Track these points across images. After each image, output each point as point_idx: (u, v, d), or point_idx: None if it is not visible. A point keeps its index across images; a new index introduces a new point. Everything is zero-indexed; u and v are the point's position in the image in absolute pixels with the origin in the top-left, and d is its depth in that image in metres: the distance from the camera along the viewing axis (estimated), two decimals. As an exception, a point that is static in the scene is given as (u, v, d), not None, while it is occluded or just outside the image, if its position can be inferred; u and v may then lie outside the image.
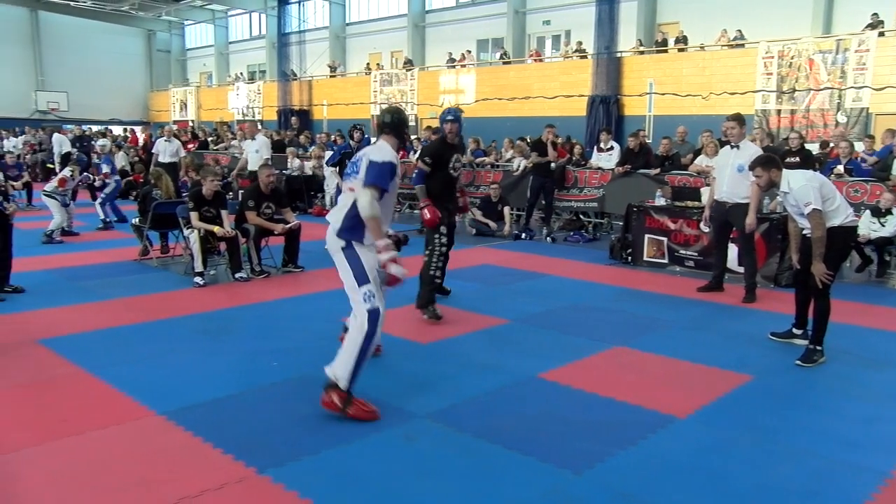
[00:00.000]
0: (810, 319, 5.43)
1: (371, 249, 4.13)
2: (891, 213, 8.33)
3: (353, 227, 4.12)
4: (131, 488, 3.25)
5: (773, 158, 5.73)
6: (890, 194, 8.45)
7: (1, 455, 3.57)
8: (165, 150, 14.19)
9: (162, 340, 5.59)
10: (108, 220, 12.05)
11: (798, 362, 5.20)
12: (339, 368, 4.03)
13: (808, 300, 5.52)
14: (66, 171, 11.09)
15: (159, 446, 3.71)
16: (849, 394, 4.65)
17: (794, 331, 5.75)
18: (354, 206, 4.10)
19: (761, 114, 16.05)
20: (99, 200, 12.15)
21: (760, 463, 3.62)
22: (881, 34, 14.88)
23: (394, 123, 4.40)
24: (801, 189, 5.19)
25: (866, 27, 15.35)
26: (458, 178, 6.97)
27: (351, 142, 10.65)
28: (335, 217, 4.21)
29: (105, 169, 12.56)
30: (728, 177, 7.25)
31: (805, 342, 5.43)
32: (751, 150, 7.15)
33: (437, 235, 6.50)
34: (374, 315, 4.01)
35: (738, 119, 7.33)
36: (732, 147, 7.31)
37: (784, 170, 5.47)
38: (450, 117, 6.56)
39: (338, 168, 10.32)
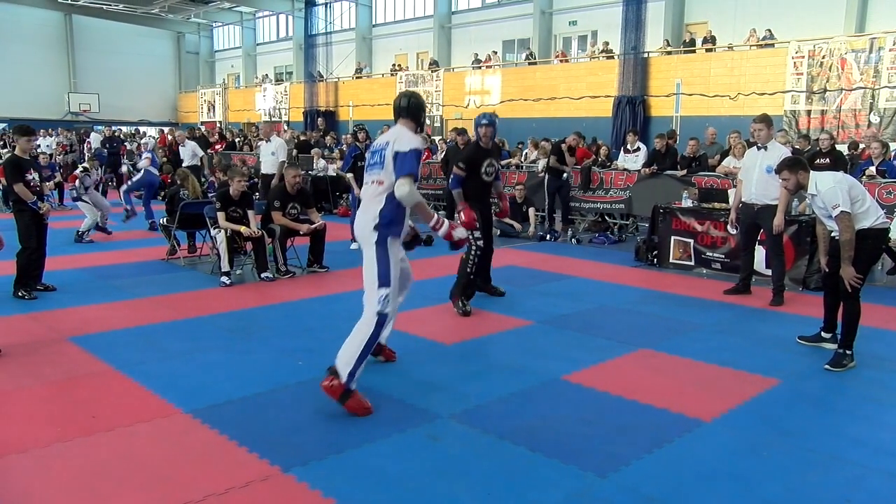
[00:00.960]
0: (839, 323, 5.34)
1: (398, 245, 4.29)
2: None
3: (391, 223, 4.20)
4: (158, 485, 3.29)
5: (800, 160, 5.64)
6: None
7: (32, 450, 3.64)
8: (185, 154, 14.18)
9: (189, 339, 5.66)
10: (128, 207, 12.23)
11: (827, 367, 5.11)
12: (342, 363, 4.11)
13: (837, 304, 5.44)
14: (79, 169, 11.30)
15: (186, 444, 3.75)
16: (880, 399, 4.57)
17: (823, 334, 5.66)
18: (389, 199, 4.17)
19: (791, 114, 15.84)
20: (124, 188, 12.42)
21: (790, 468, 3.56)
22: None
23: (411, 107, 4.40)
24: (829, 191, 5.10)
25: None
26: (496, 181, 7.01)
27: (357, 143, 10.61)
28: (370, 210, 4.24)
29: (143, 162, 12.78)
30: (756, 178, 7.16)
31: (834, 346, 5.34)
32: (779, 151, 7.06)
33: (471, 234, 6.45)
34: (381, 318, 4.17)
35: (766, 120, 7.24)
36: (760, 148, 7.22)
37: (812, 171, 5.38)
38: (484, 121, 6.67)
39: (353, 174, 10.28)
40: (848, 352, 5.16)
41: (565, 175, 11.58)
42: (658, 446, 3.77)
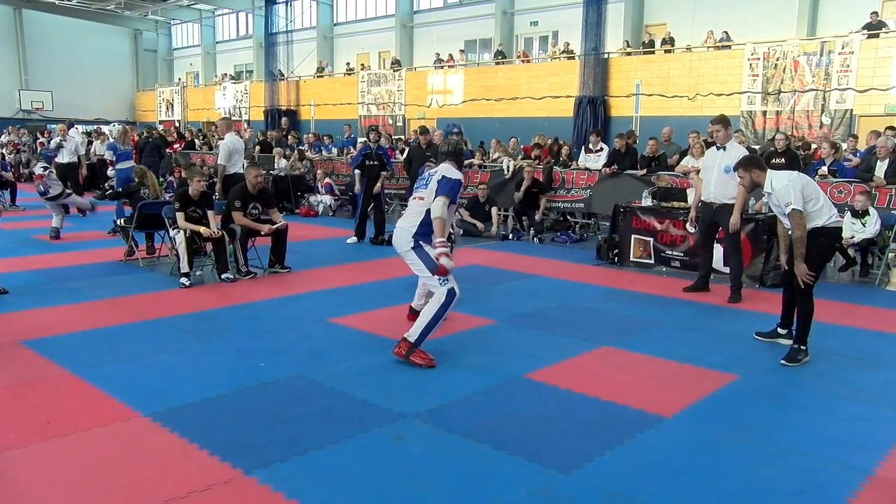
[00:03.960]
0: (796, 320, 5.47)
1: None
2: (868, 214, 8.42)
3: (426, 233, 5.10)
4: (117, 491, 3.23)
5: (755, 159, 5.79)
6: (863, 196, 8.54)
7: (-16, 457, 3.54)
8: (63, 150, 13.73)
9: (148, 341, 5.55)
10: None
11: (783, 362, 5.24)
12: (415, 328, 5.09)
13: (795, 301, 5.56)
14: (39, 167, 11.07)
15: (145, 448, 3.68)
16: (834, 393, 4.69)
17: (780, 330, 5.79)
18: (427, 213, 5.07)
19: (747, 115, 16.17)
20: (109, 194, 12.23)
21: (748, 462, 3.64)
22: (870, 36, 15.01)
23: (452, 152, 5.36)
24: (782, 189, 5.23)
25: (864, 26, 15.47)
26: None
27: (370, 143, 10.80)
28: (409, 222, 5.16)
29: (109, 156, 12.51)
30: (715, 178, 7.31)
31: (790, 342, 5.47)
32: (737, 151, 7.21)
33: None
34: (451, 293, 5.05)
35: (724, 121, 7.39)
36: (719, 148, 7.37)
37: (768, 170, 5.51)
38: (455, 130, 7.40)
39: (360, 171, 10.54)
40: (803, 347, 5.29)
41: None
42: (620, 443, 3.82)
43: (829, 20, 17.63)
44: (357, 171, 10.63)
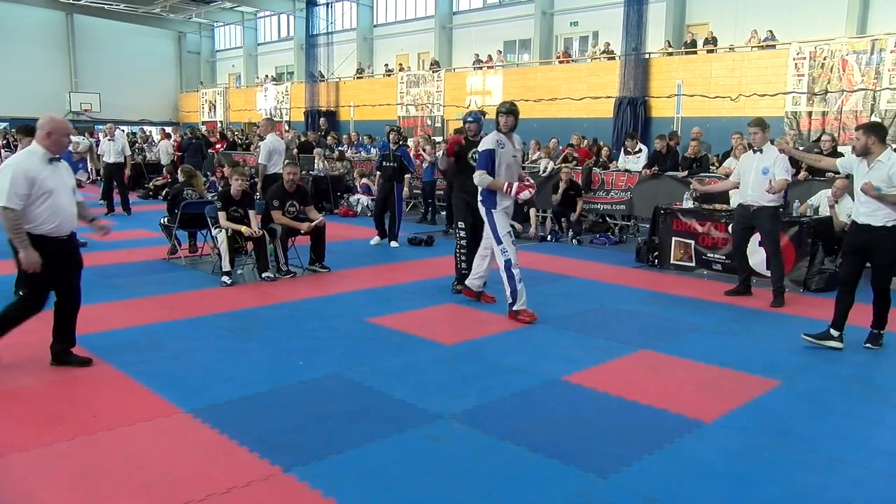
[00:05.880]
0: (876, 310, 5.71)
1: (503, 213, 6.45)
2: None
3: (485, 199, 6.50)
4: (158, 485, 3.30)
5: (881, 127, 5.84)
6: None
7: (33, 449, 3.64)
8: (109, 150, 13.83)
9: (190, 338, 5.66)
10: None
11: (868, 345, 5.65)
12: (510, 296, 6.41)
13: (852, 302, 5.58)
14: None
15: (187, 444, 3.76)
16: (881, 401, 4.57)
17: (832, 332, 5.65)
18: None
19: (792, 116, 15.83)
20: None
21: (789, 469, 3.57)
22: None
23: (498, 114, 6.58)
24: None
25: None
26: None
27: (389, 144, 10.82)
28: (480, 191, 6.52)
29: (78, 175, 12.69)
30: (752, 181, 7.23)
31: (840, 345, 5.54)
32: (773, 153, 7.14)
33: (457, 230, 7.49)
34: (507, 263, 6.38)
35: (761, 124, 7.31)
36: (755, 151, 7.28)
37: (890, 146, 5.59)
38: (469, 119, 7.59)
39: (379, 172, 10.62)
40: (883, 331, 5.70)
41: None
42: (658, 447, 3.77)
43: (881, 17, 17.13)
44: (378, 173, 10.73)
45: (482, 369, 5.05)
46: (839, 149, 10.89)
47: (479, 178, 6.39)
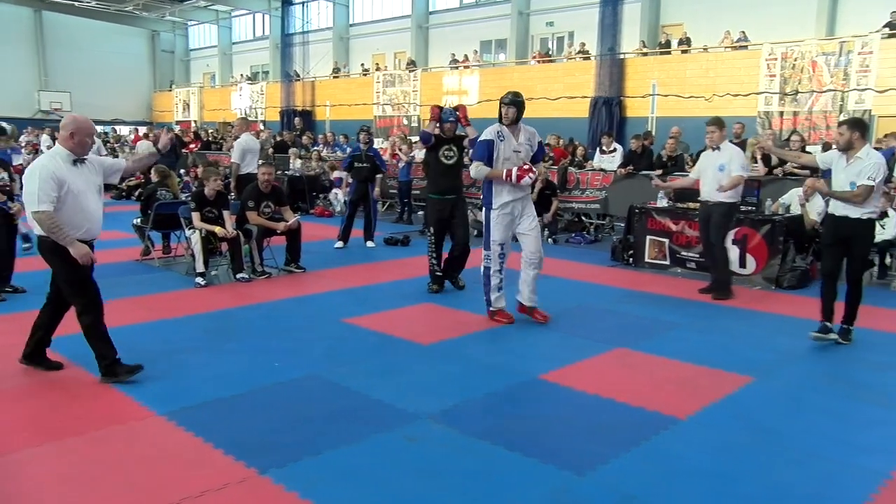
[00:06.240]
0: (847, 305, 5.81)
1: (501, 216, 6.09)
2: (887, 216, 8.33)
3: (484, 195, 6.19)
4: (131, 489, 3.25)
5: (864, 123, 6.09)
6: (883, 198, 8.43)
7: (3, 455, 3.57)
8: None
9: (164, 341, 5.59)
10: None
11: (842, 341, 5.74)
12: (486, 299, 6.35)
13: (836, 293, 5.80)
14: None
15: (160, 447, 3.71)
16: (851, 396, 4.64)
17: (827, 325, 5.83)
18: (484, 181, 6.13)
19: (764, 115, 16.03)
20: None
21: (764, 465, 3.61)
22: (891, 35, 14.84)
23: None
24: (877, 164, 5.53)
25: (884, 25, 15.28)
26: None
27: (360, 145, 10.65)
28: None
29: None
30: (710, 178, 7.44)
31: (835, 337, 5.80)
32: (730, 150, 7.41)
33: (427, 233, 7.56)
34: (486, 270, 6.24)
35: (717, 122, 7.55)
36: (714, 150, 7.48)
37: (868, 143, 5.80)
38: (451, 119, 7.46)
39: (349, 174, 10.49)
40: (852, 327, 5.78)
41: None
42: (635, 444, 3.80)
43: (849, 20, 17.41)
44: (344, 174, 10.55)
45: (460, 369, 5.05)
46: (808, 148, 11.06)
47: (475, 169, 6.04)
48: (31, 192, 4.35)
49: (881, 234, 8.31)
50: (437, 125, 7.42)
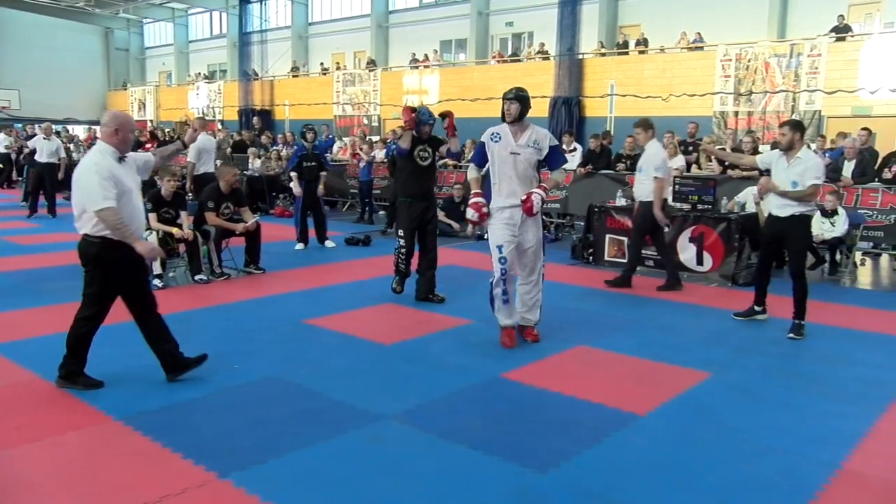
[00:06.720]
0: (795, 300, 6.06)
1: (497, 223, 5.52)
2: (837, 214, 8.57)
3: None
4: (88, 496, 3.18)
5: (803, 125, 6.47)
6: (832, 196, 8.69)
7: (-49, 464, 3.47)
8: (43, 149, 13.32)
9: (120, 344, 5.47)
10: None
11: (791, 336, 5.93)
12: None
13: (767, 280, 6.40)
14: None
15: (117, 453, 3.64)
16: (804, 390, 4.76)
17: (756, 308, 6.39)
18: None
19: (720, 115, 16.34)
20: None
21: (722, 458, 3.68)
22: (838, 39, 15.27)
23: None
24: (817, 165, 5.91)
25: (831, 30, 15.72)
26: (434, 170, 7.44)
27: (305, 143, 10.42)
28: None
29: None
30: (637, 178, 7.89)
31: (765, 316, 6.39)
32: (648, 151, 7.70)
33: (398, 237, 7.18)
34: (492, 284, 5.56)
35: (643, 124, 7.82)
36: (643, 151, 7.81)
37: (806, 144, 6.19)
38: (431, 121, 7.08)
39: (297, 174, 10.14)
40: (804, 322, 5.99)
41: None
42: (597, 441, 3.84)
43: (798, 23, 17.87)
44: (294, 174, 10.18)
45: (422, 369, 5.05)
46: (760, 147, 11.31)
47: (469, 173, 5.82)
48: (90, 192, 4.23)
49: (831, 232, 8.56)
50: (412, 130, 6.93)
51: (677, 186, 8.85)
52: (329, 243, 10.34)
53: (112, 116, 4.49)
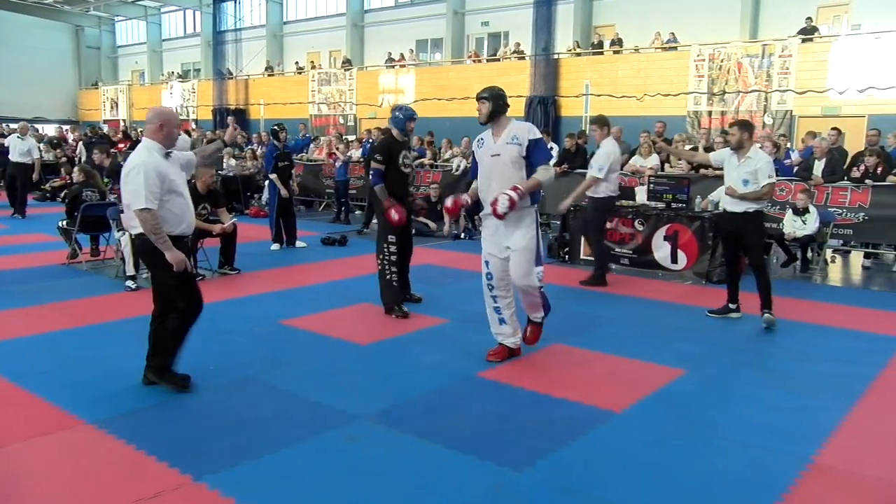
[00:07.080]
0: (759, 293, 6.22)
1: (483, 226, 5.25)
2: (808, 212, 8.71)
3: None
4: (62, 501, 3.14)
5: (752, 125, 6.56)
6: (804, 194, 8.84)
7: (-82, 470, 3.40)
8: (16, 148, 13.16)
9: (93, 346, 5.41)
10: None
11: (766, 326, 6.12)
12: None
13: (738, 276, 6.54)
14: None
15: (90, 457, 3.59)
16: (776, 386, 4.83)
17: (730, 305, 6.50)
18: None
19: (693, 115, 16.51)
20: None
21: (696, 453, 3.72)
22: (804, 40, 15.50)
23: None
24: (768, 164, 6.07)
25: (799, 31, 15.94)
26: (411, 177, 7.18)
27: (276, 143, 10.34)
28: None
29: None
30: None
31: (739, 314, 6.48)
32: (604, 148, 7.81)
33: (385, 244, 6.50)
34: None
35: (598, 121, 7.98)
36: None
37: (756, 144, 6.31)
38: (415, 117, 6.77)
39: (276, 175, 10.04)
40: (771, 311, 6.16)
41: None
42: (572, 439, 3.87)
43: (770, 24, 18.13)
44: (273, 175, 10.04)
45: (398, 368, 5.05)
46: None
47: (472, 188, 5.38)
48: (134, 191, 4.17)
49: (803, 230, 8.69)
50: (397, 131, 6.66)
51: (652, 185, 8.95)
52: (300, 244, 10.29)
53: (157, 113, 4.46)
